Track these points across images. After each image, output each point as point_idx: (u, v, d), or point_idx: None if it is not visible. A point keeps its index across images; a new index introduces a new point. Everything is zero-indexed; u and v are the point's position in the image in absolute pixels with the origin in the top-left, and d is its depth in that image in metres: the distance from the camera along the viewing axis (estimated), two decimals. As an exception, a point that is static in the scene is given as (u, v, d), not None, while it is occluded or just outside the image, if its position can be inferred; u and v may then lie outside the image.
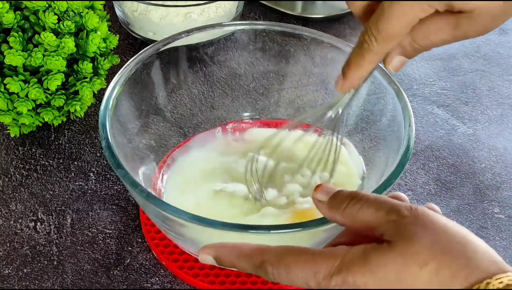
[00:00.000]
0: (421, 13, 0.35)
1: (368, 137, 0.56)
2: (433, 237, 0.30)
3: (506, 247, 0.57)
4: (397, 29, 0.36)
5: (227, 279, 0.52)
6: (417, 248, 0.30)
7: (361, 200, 0.34)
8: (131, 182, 0.44)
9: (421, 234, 0.31)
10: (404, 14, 0.35)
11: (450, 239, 0.31)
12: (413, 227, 0.31)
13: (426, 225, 0.31)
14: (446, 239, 0.31)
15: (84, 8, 0.60)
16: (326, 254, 0.33)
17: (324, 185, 0.36)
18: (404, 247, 0.30)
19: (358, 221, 0.34)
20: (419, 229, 0.31)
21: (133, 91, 0.54)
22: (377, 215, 0.33)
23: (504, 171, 0.64)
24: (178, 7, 0.73)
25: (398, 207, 0.32)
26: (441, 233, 0.31)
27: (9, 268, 0.53)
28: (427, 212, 0.32)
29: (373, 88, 0.55)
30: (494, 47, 0.81)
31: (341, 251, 0.32)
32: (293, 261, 0.33)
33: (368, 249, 0.32)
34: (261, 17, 0.84)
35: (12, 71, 0.58)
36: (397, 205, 0.33)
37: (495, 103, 0.72)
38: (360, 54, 0.38)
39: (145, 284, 0.52)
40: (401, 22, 0.36)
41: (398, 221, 0.32)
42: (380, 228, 0.32)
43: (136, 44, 0.78)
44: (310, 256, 0.33)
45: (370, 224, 0.33)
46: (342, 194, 0.35)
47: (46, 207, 0.58)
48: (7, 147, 0.64)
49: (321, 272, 0.32)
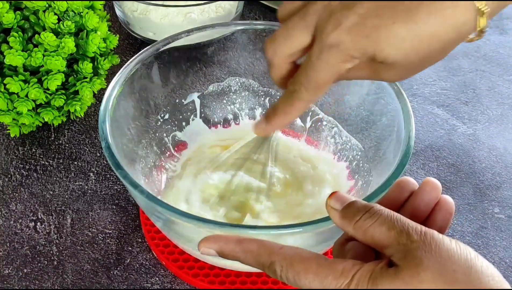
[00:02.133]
0: (347, 64, 0.37)
1: (368, 137, 0.56)
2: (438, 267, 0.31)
3: (506, 247, 0.57)
4: (326, 78, 0.38)
5: (227, 279, 0.52)
6: (422, 279, 0.31)
7: (374, 215, 0.34)
8: (131, 182, 0.44)
9: (427, 263, 0.31)
10: (332, 65, 0.37)
11: (455, 270, 0.31)
12: (420, 253, 0.31)
13: (433, 252, 0.31)
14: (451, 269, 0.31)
15: (84, 8, 0.60)
16: (336, 270, 0.33)
17: (339, 193, 0.36)
18: (410, 276, 0.31)
19: (368, 237, 0.34)
20: (425, 256, 0.31)
21: (133, 91, 0.54)
22: (388, 235, 0.33)
23: (504, 171, 0.64)
24: (178, 7, 0.73)
25: (409, 230, 0.33)
26: (447, 262, 0.31)
27: (9, 268, 0.53)
28: (435, 238, 0.32)
29: (373, 88, 0.55)
30: (494, 47, 0.81)
31: (351, 268, 0.33)
32: (303, 269, 0.33)
33: (377, 272, 0.32)
34: (261, 17, 0.84)
35: (12, 71, 0.58)
36: (407, 226, 0.33)
37: (495, 103, 0.72)
38: (289, 102, 0.40)
39: (145, 284, 0.52)
40: (329, 72, 0.37)
41: (407, 246, 0.32)
42: (390, 249, 0.33)
43: (136, 44, 0.78)
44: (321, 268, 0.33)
45: (381, 243, 0.33)
46: (356, 206, 0.35)
47: (46, 207, 0.58)
48: (7, 147, 0.64)
49: (329, 287, 0.32)
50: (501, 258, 0.56)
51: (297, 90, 0.39)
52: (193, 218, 0.41)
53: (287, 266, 0.34)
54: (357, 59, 0.36)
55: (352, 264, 0.33)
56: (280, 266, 0.34)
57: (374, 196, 0.43)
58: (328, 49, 0.36)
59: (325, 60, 0.37)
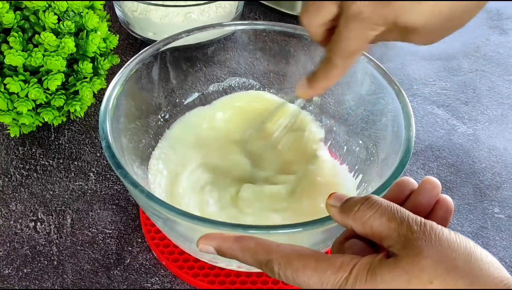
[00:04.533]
0: (372, 32, 0.39)
1: (369, 137, 0.56)
2: (439, 255, 0.31)
3: (506, 247, 0.57)
4: (356, 46, 0.40)
5: (227, 279, 0.52)
6: (423, 266, 0.31)
7: (373, 205, 0.34)
8: (131, 182, 0.44)
9: (427, 252, 0.31)
10: (358, 34, 0.39)
11: (455, 257, 0.31)
12: (420, 243, 0.31)
13: (433, 241, 0.31)
14: (451, 257, 0.31)
15: (84, 8, 0.60)
16: (334, 265, 0.33)
17: (337, 193, 0.37)
18: (410, 264, 0.31)
19: (368, 228, 0.34)
20: (426, 245, 0.31)
21: (133, 91, 0.54)
22: (388, 225, 0.33)
23: (504, 171, 0.64)
24: (178, 7, 0.73)
25: (409, 221, 0.33)
26: (447, 250, 0.31)
27: (9, 268, 0.53)
28: (435, 228, 0.32)
29: (373, 88, 0.55)
30: (494, 47, 0.81)
31: (349, 262, 0.33)
32: (301, 267, 0.33)
33: (375, 263, 0.32)
34: (261, 17, 0.84)
35: (12, 71, 0.58)
36: (407, 217, 0.33)
37: (495, 103, 0.72)
38: (326, 69, 0.43)
39: (145, 284, 0.52)
40: (357, 40, 0.40)
41: (407, 236, 0.32)
42: (389, 240, 0.33)
43: (136, 44, 0.78)
44: (319, 264, 0.33)
45: (380, 233, 0.33)
46: (354, 199, 0.36)
47: (46, 207, 0.58)
48: (7, 147, 0.64)
49: (328, 283, 0.32)
50: (501, 258, 0.56)
51: (331, 58, 0.41)
52: (193, 217, 0.41)
53: (285, 264, 0.34)
54: (381, 26, 0.38)
55: (350, 258, 0.33)
56: (278, 264, 0.34)
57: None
58: (352, 20, 0.38)
59: (351, 30, 0.39)
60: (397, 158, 0.47)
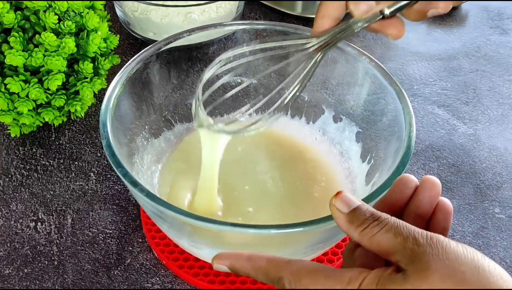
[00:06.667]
0: None
1: (369, 137, 0.56)
2: (446, 269, 0.31)
3: (506, 247, 0.57)
4: None
5: (227, 278, 0.52)
6: (431, 282, 0.31)
7: (381, 223, 0.34)
8: (131, 181, 0.44)
9: (435, 266, 0.31)
10: None
11: (463, 271, 0.31)
12: (427, 257, 0.31)
13: (440, 255, 0.31)
14: (460, 270, 0.31)
15: (85, 8, 0.60)
16: (343, 280, 0.33)
17: (345, 195, 0.36)
18: (418, 280, 0.31)
19: (374, 244, 0.34)
20: (433, 259, 0.31)
21: (133, 91, 0.54)
22: (394, 241, 0.33)
23: (504, 171, 0.64)
24: (179, 7, 0.73)
25: (415, 235, 0.33)
26: (455, 263, 0.31)
27: (9, 268, 0.53)
28: (441, 241, 0.32)
29: (373, 88, 0.55)
30: (495, 47, 0.81)
31: (358, 277, 0.33)
32: (311, 283, 0.34)
33: (384, 278, 0.32)
34: (262, 17, 0.84)
35: (13, 71, 0.58)
36: (413, 232, 0.33)
37: (496, 103, 0.72)
38: None
39: (146, 284, 0.52)
40: None
41: (414, 250, 0.32)
42: (396, 255, 0.33)
43: (136, 44, 0.78)
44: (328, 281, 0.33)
45: (387, 249, 0.33)
46: (364, 212, 0.35)
47: (47, 207, 0.58)
48: (8, 147, 0.64)
49: None
50: (502, 258, 0.56)
51: None
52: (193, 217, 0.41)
53: (295, 281, 0.34)
54: None
55: (359, 272, 0.33)
56: (289, 281, 0.34)
57: (375, 196, 0.43)
58: None
59: None
60: (398, 158, 0.47)
